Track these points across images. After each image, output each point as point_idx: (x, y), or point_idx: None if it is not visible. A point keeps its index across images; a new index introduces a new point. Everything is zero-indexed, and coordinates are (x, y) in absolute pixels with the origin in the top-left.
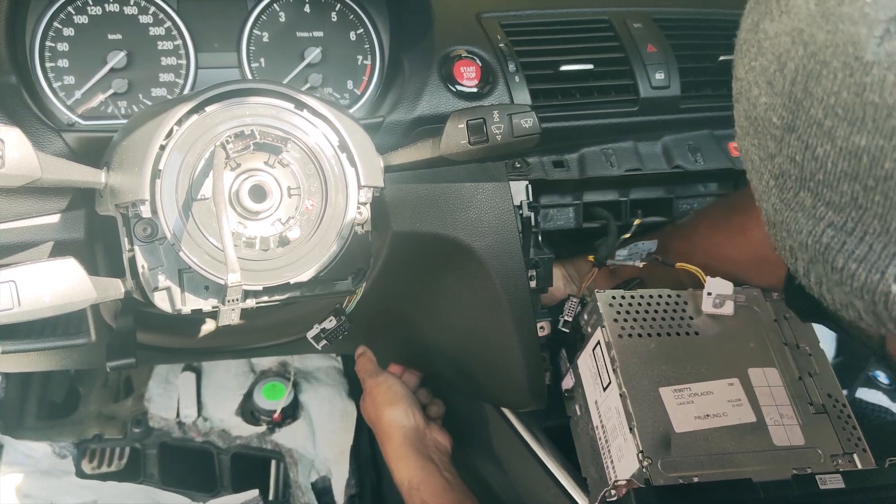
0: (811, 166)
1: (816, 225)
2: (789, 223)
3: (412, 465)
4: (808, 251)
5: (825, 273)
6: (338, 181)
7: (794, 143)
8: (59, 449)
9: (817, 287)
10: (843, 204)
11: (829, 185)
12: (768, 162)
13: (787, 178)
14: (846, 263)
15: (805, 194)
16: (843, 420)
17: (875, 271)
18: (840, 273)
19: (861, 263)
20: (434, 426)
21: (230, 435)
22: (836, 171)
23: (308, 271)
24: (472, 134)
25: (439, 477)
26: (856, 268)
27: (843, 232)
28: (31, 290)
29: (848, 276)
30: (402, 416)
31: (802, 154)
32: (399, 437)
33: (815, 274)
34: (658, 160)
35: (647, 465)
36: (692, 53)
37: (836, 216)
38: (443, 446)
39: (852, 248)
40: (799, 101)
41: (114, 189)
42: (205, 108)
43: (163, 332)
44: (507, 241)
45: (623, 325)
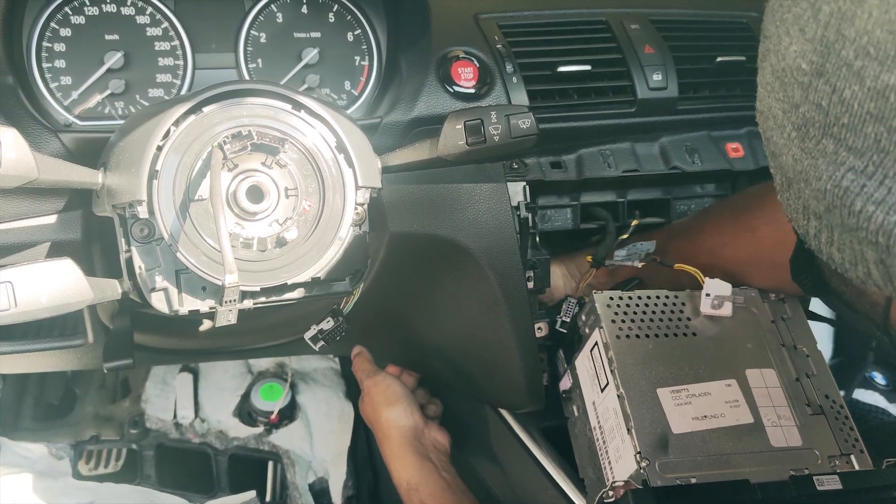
0: (837, 110)
1: (837, 170)
2: (808, 172)
3: (410, 465)
4: (826, 198)
5: (841, 220)
6: (335, 182)
7: (822, 88)
8: (55, 450)
9: (827, 247)
10: (865, 147)
11: (853, 128)
12: (792, 112)
13: (810, 127)
14: (864, 206)
15: (827, 141)
16: (840, 421)
17: (893, 212)
18: (857, 217)
19: (879, 206)
20: (433, 425)
21: (227, 436)
22: (863, 112)
23: (305, 272)
24: (470, 135)
25: (438, 477)
26: (873, 210)
27: (863, 175)
28: (28, 291)
29: (865, 220)
30: (401, 416)
31: (829, 98)
32: (397, 437)
33: (827, 231)
34: (655, 161)
35: (644, 466)
36: (690, 55)
37: (857, 160)
38: (441, 445)
39: (871, 191)
40: (830, 44)
41: (111, 190)
42: (202, 108)
43: (160, 332)
44: (504, 241)
45: (621, 326)
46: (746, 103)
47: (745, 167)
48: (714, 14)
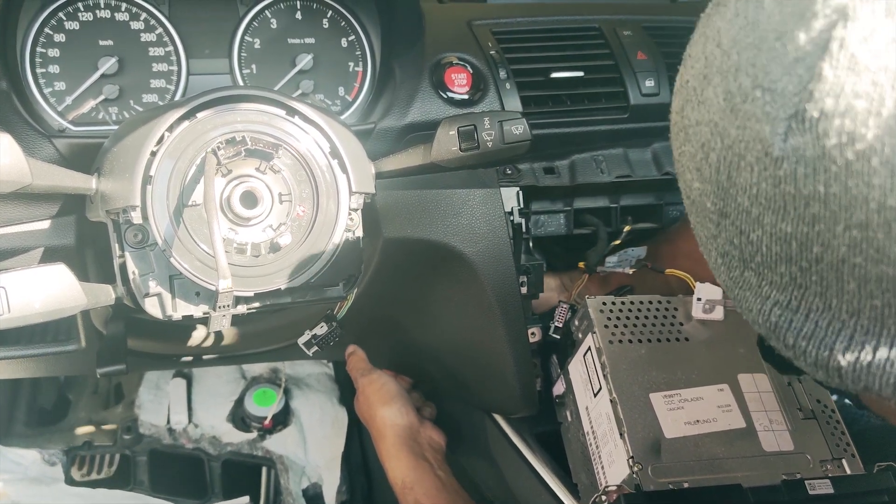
0: (749, 249)
1: (764, 304)
2: (741, 301)
3: (406, 464)
4: (762, 329)
5: (781, 349)
6: (329, 187)
7: (730, 228)
8: (48, 456)
9: (785, 351)
10: (784, 284)
11: (768, 266)
12: (713, 241)
13: (731, 258)
14: (796, 341)
15: (749, 273)
16: (831, 425)
17: (824, 348)
18: (793, 350)
19: (810, 341)
20: (428, 424)
21: (221, 441)
22: (772, 254)
23: (299, 277)
24: (463, 140)
25: (433, 476)
26: (805, 345)
27: (788, 310)
28: (21, 297)
29: (800, 353)
30: (396, 415)
31: (739, 238)
32: (392, 435)
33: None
34: (648, 167)
35: (637, 471)
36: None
37: (780, 295)
38: (437, 444)
39: (799, 326)
40: (726, 190)
41: (104, 195)
42: (196, 114)
43: (153, 338)
44: (498, 247)
45: (613, 331)
46: None
47: None
48: None
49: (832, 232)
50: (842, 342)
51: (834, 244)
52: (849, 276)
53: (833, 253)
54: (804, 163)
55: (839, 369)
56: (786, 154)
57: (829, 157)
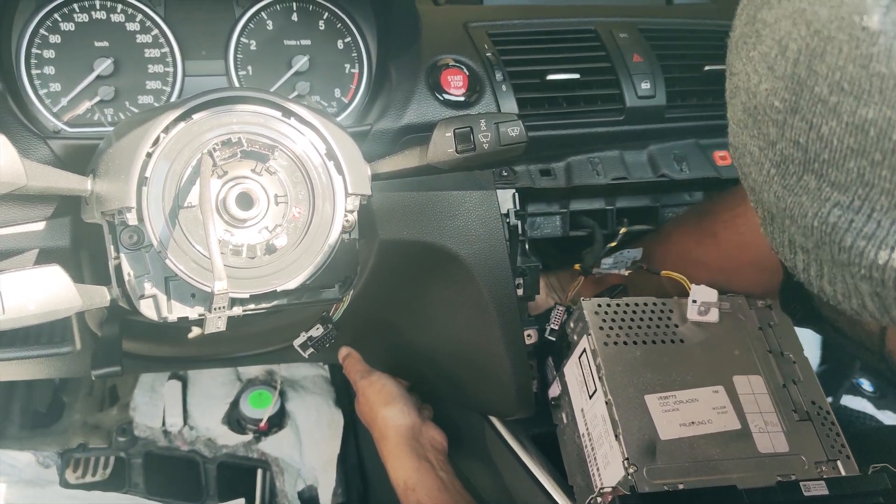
0: (816, 147)
1: (822, 206)
2: (793, 209)
3: (407, 465)
4: (814, 235)
5: (831, 256)
6: (325, 189)
7: (798, 125)
8: (43, 458)
9: (817, 280)
10: (849, 182)
11: (834, 163)
12: (769, 150)
13: (790, 164)
14: (854, 241)
15: (809, 177)
16: (826, 427)
17: (885, 247)
18: (848, 252)
19: (870, 241)
20: (430, 424)
21: (216, 444)
22: (843, 147)
23: (295, 279)
24: (460, 142)
25: (434, 476)
26: (864, 245)
27: (850, 210)
28: (16, 298)
29: (857, 255)
30: (398, 415)
31: (807, 135)
32: (394, 436)
33: (816, 265)
34: (644, 169)
35: (632, 473)
36: (678, 63)
37: (842, 196)
38: (439, 444)
39: (860, 226)
40: (802, 81)
41: (100, 196)
42: (192, 115)
43: (149, 340)
44: (494, 249)
45: (609, 333)
46: None
47: (733, 175)
48: (702, 23)
49: None
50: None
51: None
52: None
53: None
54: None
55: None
56: (885, 28)
57: None
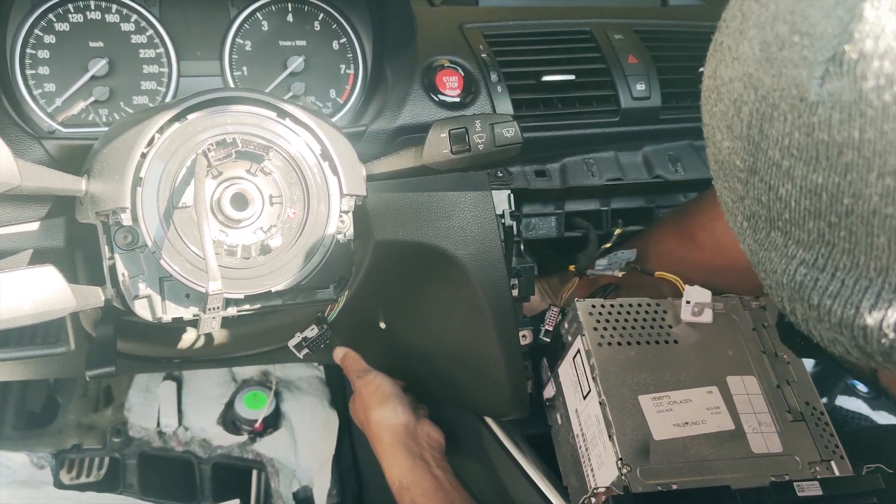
0: (777, 206)
1: (789, 263)
2: (765, 263)
3: (402, 464)
4: (786, 290)
5: (804, 311)
6: (320, 190)
7: (759, 185)
8: (37, 459)
9: (804, 324)
10: (811, 241)
11: (795, 223)
12: (739, 204)
13: (757, 219)
14: (821, 300)
15: (776, 234)
16: (820, 427)
17: (850, 306)
18: (817, 310)
19: (835, 299)
20: (425, 421)
21: (211, 444)
22: (801, 209)
23: (290, 279)
24: (455, 143)
25: (429, 475)
26: (831, 304)
27: (815, 269)
28: (10, 298)
29: (825, 313)
30: (392, 415)
31: (767, 195)
32: (388, 436)
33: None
34: (639, 170)
35: (625, 473)
36: (673, 65)
37: (806, 254)
38: (435, 441)
39: (825, 285)
40: (757, 144)
41: (94, 197)
42: (187, 115)
43: (143, 340)
44: (489, 249)
45: (603, 334)
46: None
47: None
48: (697, 25)
49: (864, 181)
50: (868, 300)
51: (866, 194)
52: (879, 228)
53: (864, 204)
54: (840, 107)
55: (864, 329)
56: (821, 99)
57: (866, 101)
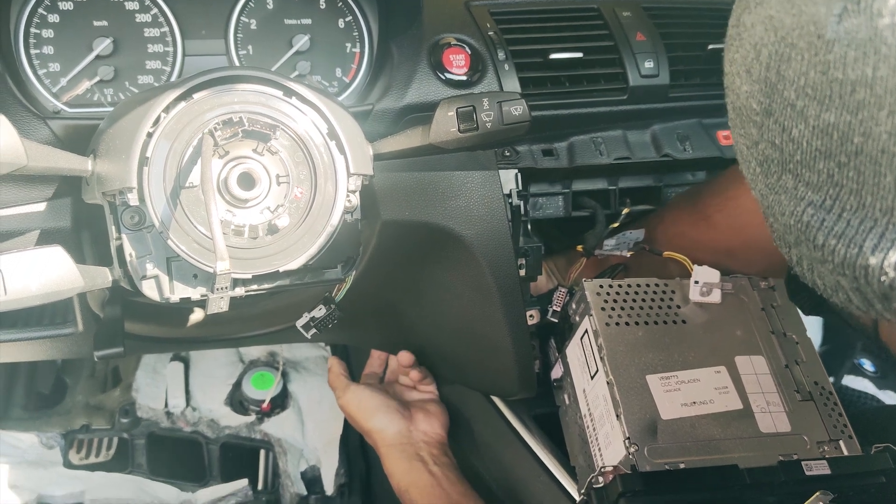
0: (789, 148)
1: (798, 205)
2: (774, 207)
3: (399, 468)
4: (792, 232)
5: (809, 253)
6: (327, 169)
7: (773, 127)
8: (46, 439)
9: (809, 273)
10: (820, 183)
11: (806, 164)
12: (753, 149)
13: (770, 163)
14: (826, 240)
15: (787, 177)
16: (829, 407)
17: (853, 245)
18: (822, 250)
19: (840, 239)
20: (419, 418)
21: (219, 425)
22: (812, 149)
23: (297, 259)
24: (462, 122)
25: (426, 474)
26: (835, 243)
27: (822, 210)
28: (18, 279)
29: (829, 253)
30: (382, 426)
31: (780, 137)
32: (383, 445)
33: (805, 258)
34: (647, 149)
35: (633, 452)
36: (681, 42)
37: (814, 195)
38: (432, 436)
39: (831, 225)
40: (773, 85)
41: (100, 177)
42: (192, 95)
43: (151, 321)
44: (496, 229)
45: (610, 314)
46: None
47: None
48: (705, 2)
49: (875, 119)
50: (871, 240)
51: (875, 132)
52: (887, 168)
53: (873, 143)
54: (855, 45)
55: (866, 268)
56: (838, 37)
57: (881, 38)
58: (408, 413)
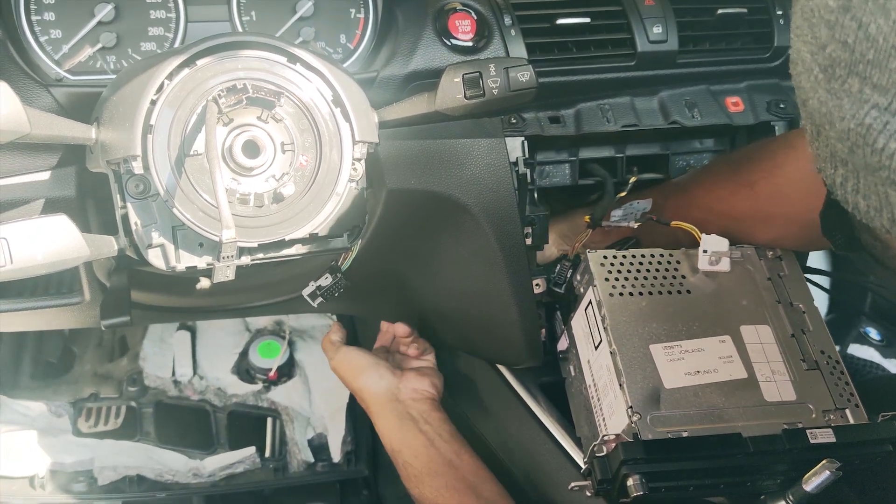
0: (862, 46)
1: (861, 108)
2: (833, 113)
3: (390, 428)
4: (850, 138)
5: (864, 160)
6: (332, 136)
7: (848, 24)
8: (55, 408)
9: (853, 194)
10: (890, 84)
11: (878, 64)
12: (819, 54)
13: (836, 66)
14: (887, 143)
15: (853, 80)
16: (835, 376)
17: None
18: (880, 154)
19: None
20: (409, 376)
21: (226, 393)
22: (888, 46)
23: (303, 228)
24: (469, 88)
25: (417, 433)
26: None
27: (887, 112)
28: (24, 248)
29: (888, 157)
30: (370, 383)
31: (855, 34)
32: (373, 404)
33: (853, 178)
34: (655, 116)
35: (635, 420)
36: (690, 7)
37: (881, 97)
38: (422, 393)
39: (894, 128)
40: None
41: (105, 145)
42: (196, 61)
43: (157, 290)
44: (502, 198)
45: (614, 284)
46: (747, 56)
47: (745, 122)
48: None
49: None
50: None
51: None
52: None
53: None
54: None
55: None
56: None
57: None
58: (399, 373)
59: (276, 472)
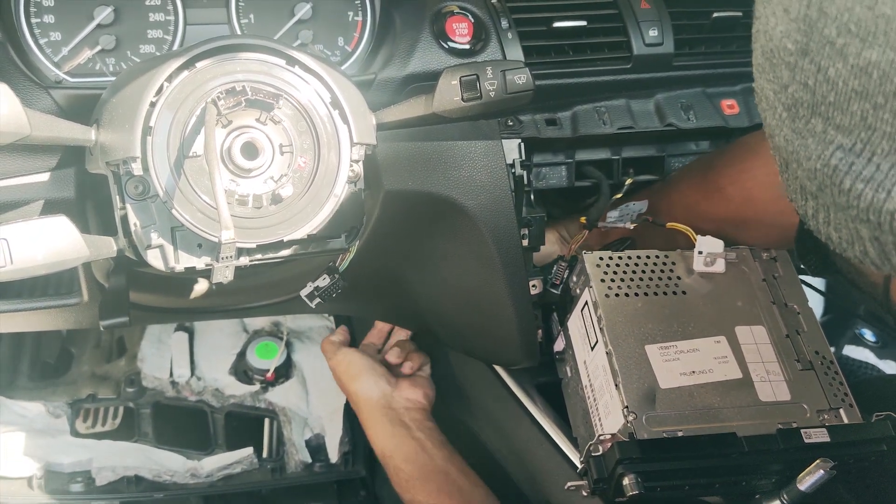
0: (823, 89)
1: (826, 149)
2: (799, 152)
3: (382, 433)
4: (817, 177)
5: (833, 199)
6: (330, 138)
7: (807, 67)
8: (52, 408)
9: (825, 227)
10: (852, 125)
11: (839, 106)
12: (782, 93)
13: (799, 107)
14: (853, 184)
15: (816, 120)
16: (829, 376)
17: (881, 190)
18: (847, 195)
19: (868, 183)
20: (404, 384)
21: (224, 394)
22: (847, 90)
23: (301, 229)
24: (466, 90)
25: (409, 440)
26: (862, 188)
27: (851, 153)
28: (23, 248)
29: (855, 198)
30: (366, 388)
31: (815, 77)
32: (367, 408)
33: (823, 211)
34: (650, 118)
35: (631, 420)
36: (686, 10)
37: (845, 139)
38: (415, 403)
39: (860, 169)
40: (813, 23)
41: (104, 146)
42: (195, 63)
43: (155, 291)
44: (499, 199)
45: (610, 285)
46: (742, 59)
47: (740, 124)
48: None
49: None
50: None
51: None
52: None
53: None
54: None
55: (892, 214)
56: None
57: None
58: (394, 380)
59: (274, 472)
